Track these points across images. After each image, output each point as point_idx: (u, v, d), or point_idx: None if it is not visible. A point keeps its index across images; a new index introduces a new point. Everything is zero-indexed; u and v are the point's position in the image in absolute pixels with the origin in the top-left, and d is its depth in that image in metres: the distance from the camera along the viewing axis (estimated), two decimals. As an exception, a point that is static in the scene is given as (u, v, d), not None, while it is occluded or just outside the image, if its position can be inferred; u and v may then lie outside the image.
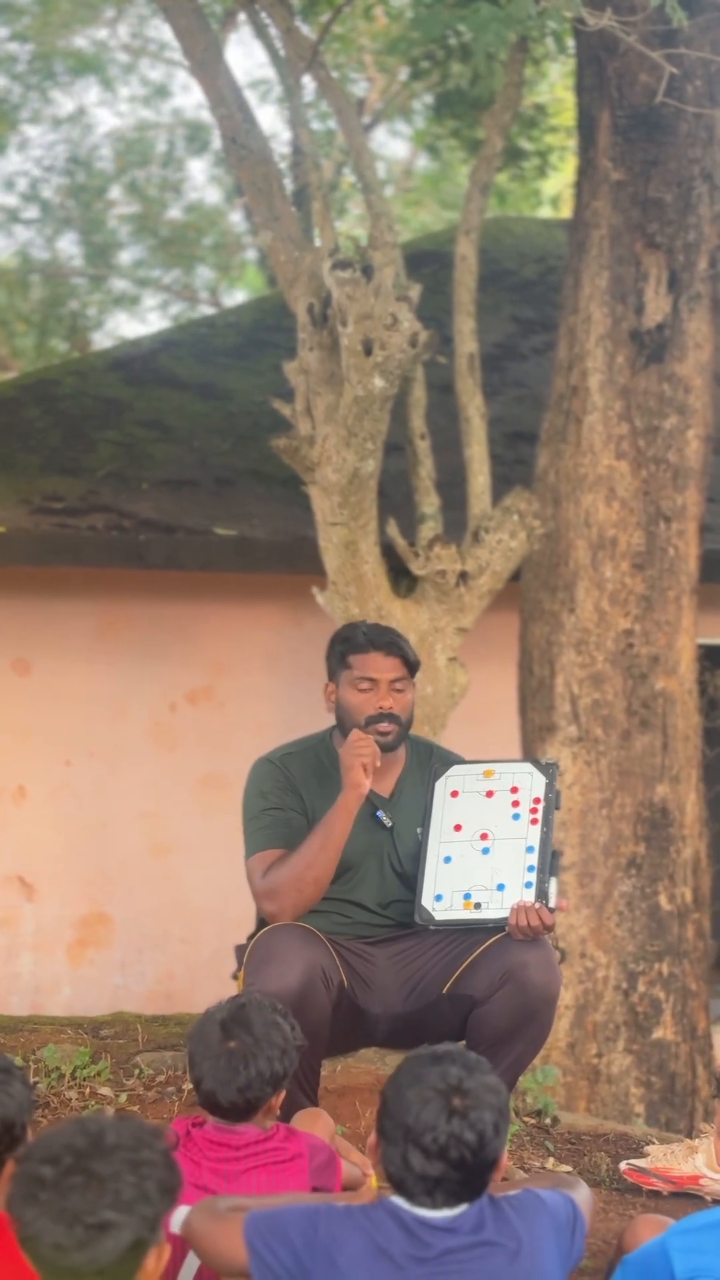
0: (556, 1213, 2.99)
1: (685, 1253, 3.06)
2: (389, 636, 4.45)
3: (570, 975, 6.31)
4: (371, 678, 4.38)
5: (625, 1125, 5.39)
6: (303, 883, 4.22)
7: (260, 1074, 3.39)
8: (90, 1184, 2.46)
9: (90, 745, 8.04)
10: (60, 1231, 2.43)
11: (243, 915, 4.64)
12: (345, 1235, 2.88)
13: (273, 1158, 3.41)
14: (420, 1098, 2.87)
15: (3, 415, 8.57)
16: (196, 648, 8.11)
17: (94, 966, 8.04)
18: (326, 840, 4.21)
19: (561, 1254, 2.97)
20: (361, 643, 4.42)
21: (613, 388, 6.60)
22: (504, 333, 9.68)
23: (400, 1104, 2.89)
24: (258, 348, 9.41)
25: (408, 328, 5.73)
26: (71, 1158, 2.48)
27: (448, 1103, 2.86)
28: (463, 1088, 2.88)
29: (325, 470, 5.89)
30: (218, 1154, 3.40)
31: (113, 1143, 2.51)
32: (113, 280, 20.07)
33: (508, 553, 6.32)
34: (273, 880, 4.24)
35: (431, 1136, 2.84)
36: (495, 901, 4.24)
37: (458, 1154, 2.84)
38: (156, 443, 8.45)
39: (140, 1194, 2.47)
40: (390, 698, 4.39)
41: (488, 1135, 2.86)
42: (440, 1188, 2.86)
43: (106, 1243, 2.44)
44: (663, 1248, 3.09)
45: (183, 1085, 4.79)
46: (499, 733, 7.21)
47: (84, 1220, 2.44)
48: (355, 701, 4.40)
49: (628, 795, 6.48)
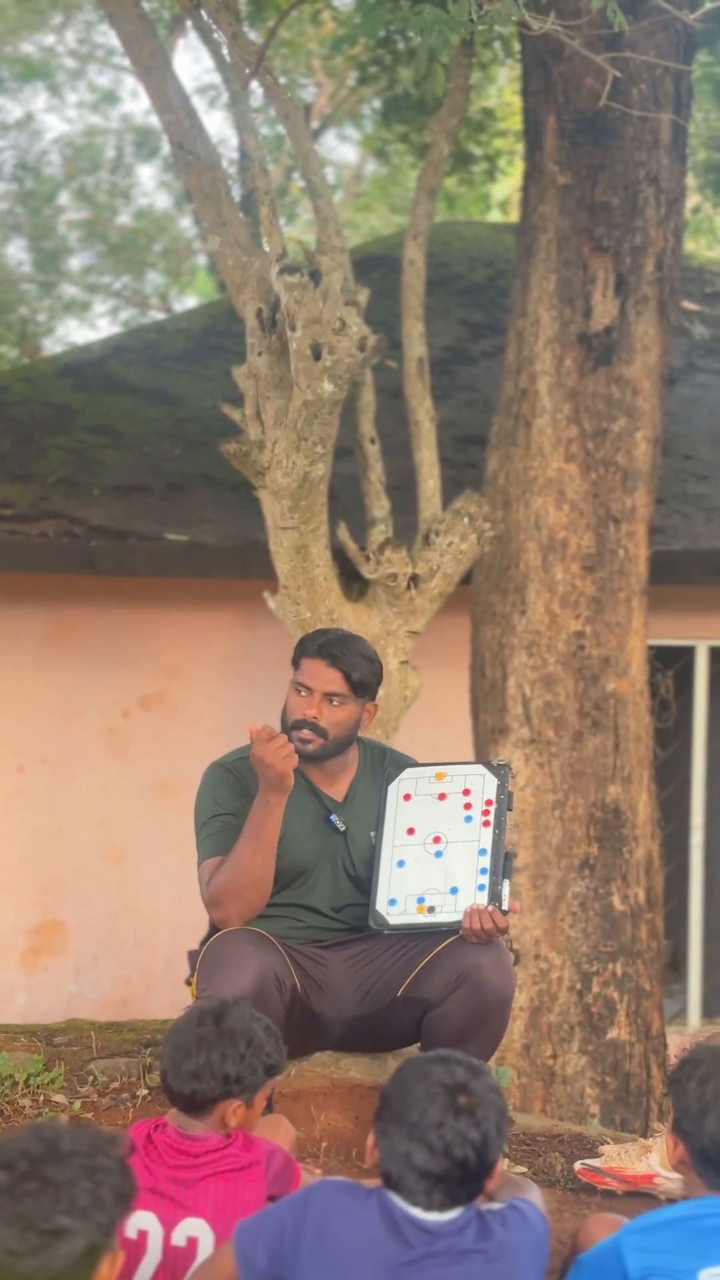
0: (537, 1230, 3.01)
1: (638, 1252, 3.07)
2: (339, 648, 4.39)
3: (524, 976, 6.32)
4: (308, 685, 4.36)
5: (580, 1126, 5.40)
6: (242, 887, 4.21)
7: (209, 1065, 3.38)
8: (45, 1190, 2.45)
9: (43, 751, 8.02)
10: (13, 1237, 2.43)
11: (197, 920, 4.64)
12: (334, 1218, 2.90)
13: (229, 1164, 3.40)
14: (427, 1094, 2.88)
15: (-48, 422, 8.55)
16: (149, 653, 8.10)
17: (48, 974, 8.02)
18: (257, 842, 4.20)
19: (537, 1270, 2.98)
20: (312, 649, 4.41)
21: (561, 390, 6.62)
22: (453, 337, 9.71)
23: (405, 1100, 2.89)
24: (208, 353, 9.41)
25: (356, 332, 5.73)
26: (26, 1164, 2.48)
27: (454, 1100, 2.87)
28: (468, 1087, 2.89)
29: (275, 474, 5.89)
30: (176, 1160, 3.39)
31: (68, 1149, 2.51)
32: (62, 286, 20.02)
33: (458, 555, 6.34)
34: (215, 888, 4.24)
35: (438, 1133, 2.85)
36: (449, 905, 4.25)
37: (461, 1152, 2.85)
38: (107, 448, 8.44)
39: (95, 1200, 2.47)
40: (319, 708, 4.35)
41: (491, 1136, 2.88)
42: (440, 1187, 2.86)
43: (60, 1249, 2.44)
44: (616, 1247, 3.10)
45: (137, 1092, 4.78)
46: (451, 735, 7.23)
47: (37, 1226, 2.43)
48: (290, 703, 4.40)
49: (580, 796, 6.50)
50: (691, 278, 10.51)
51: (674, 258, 6.80)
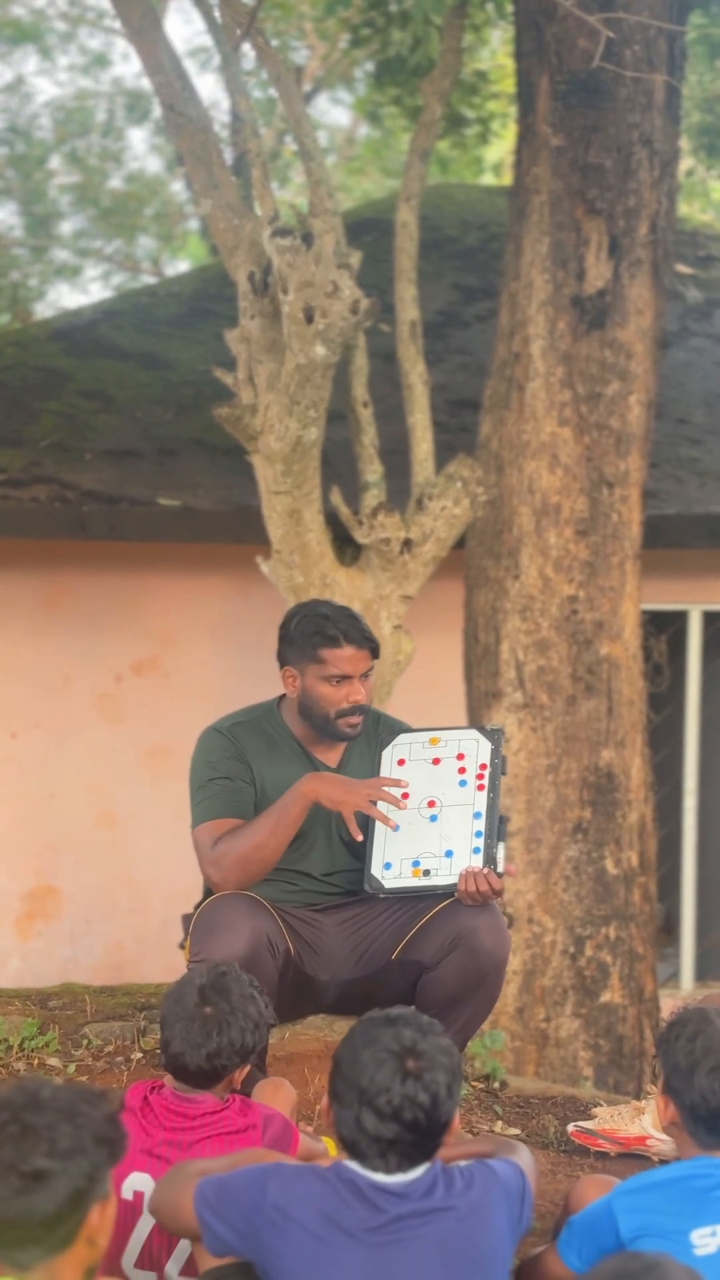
0: (508, 1184, 3.01)
1: (630, 1212, 3.08)
2: (360, 628, 4.43)
3: (518, 940, 6.34)
4: (346, 674, 4.38)
5: (573, 1088, 5.42)
6: (249, 861, 4.22)
7: (230, 1043, 3.41)
8: (25, 1134, 2.47)
9: (36, 717, 8.01)
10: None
11: (190, 885, 4.64)
12: (294, 1200, 2.90)
13: (226, 1127, 3.42)
14: (374, 1059, 2.88)
15: (-57, 387, 8.52)
16: (142, 619, 8.09)
17: (42, 938, 8.03)
18: (277, 826, 4.21)
19: (511, 1223, 2.99)
20: (336, 637, 4.39)
21: (554, 354, 6.61)
22: (446, 300, 9.68)
23: (354, 1066, 2.90)
24: (200, 317, 9.38)
25: (349, 295, 5.71)
26: (7, 1112, 2.50)
27: (401, 1064, 2.88)
28: (416, 1049, 2.90)
29: (268, 439, 5.87)
30: (173, 1122, 3.41)
31: (49, 1097, 2.53)
32: (54, 251, 19.95)
33: (452, 520, 6.33)
34: (221, 852, 4.24)
35: (385, 1098, 2.86)
36: (444, 868, 4.25)
37: (411, 1115, 2.86)
38: (99, 413, 8.41)
39: (76, 1144, 2.49)
40: (361, 689, 4.40)
41: (441, 1096, 2.88)
42: (394, 1149, 2.88)
43: (42, 1192, 2.46)
44: (608, 1208, 3.11)
45: (131, 1055, 4.80)
46: (445, 700, 7.23)
47: (18, 1169, 2.45)
48: (325, 693, 4.39)
49: (573, 760, 6.50)
50: (685, 241, 10.47)
51: (668, 220, 6.77)
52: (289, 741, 4.46)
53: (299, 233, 5.75)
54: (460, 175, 15.10)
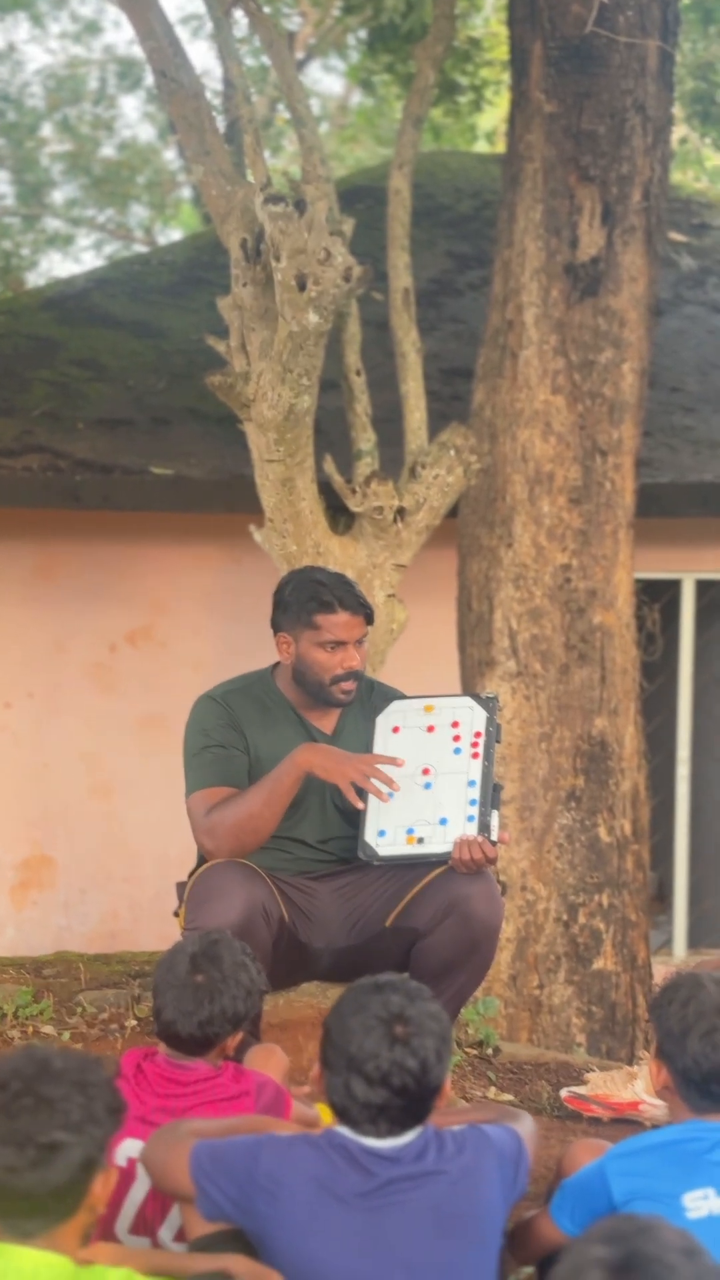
0: (501, 1148, 3.03)
1: (623, 1176, 3.09)
2: (355, 594, 4.44)
3: (511, 908, 6.35)
4: (342, 640, 4.39)
5: (566, 1054, 5.44)
6: (242, 831, 4.23)
7: (223, 1011, 3.42)
8: (40, 1106, 2.50)
9: (29, 687, 8.01)
10: (10, 1153, 2.48)
11: (185, 854, 4.65)
12: (287, 1168, 2.91)
13: (219, 1094, 3.43)
14: (363, 1026, 2.89)
15: (-65, 356, 8.50)
16: (135, 588, 8.09)
17: (37, 908, 8.05)
18: (271, 797, 4.21)
19: (504, 1187, 3.00)
20: (330, 603, 4.40)
21: (548, 322, 6.59)
22: (439, 268, 9.65)
23: (343, 1033, 2.91)
24: (192, 285, 9.35)
25: (341, 262, 5.69)
26: (20, 1082, 2.52)
27: (390, 1030, 2.89)
28: (404, 1015, 2.91)
29: (261, 407, 5.85)
30: (166, 1089, 3.42)
31: (60, 1067, 2.55)
32: (46, 219, 19.89)
33: (445, 488, 6.32)
34: (214, 821, 4.25)
35: (374, 1064, 2.87)
36: (438, 836, 4.26)
37: (400, 1081, 2.87)
38: (91, 382, 8.39)
39: (89, 1115, 2.52)
40: (356, 655, 4.41)
41: (430, 1062, 2.89)
42: (384, 1115, 2.89)
43: (57, 1162, 2.49)
44: (601, 1171, 3.12)
45: (125, 1023, 4.81)
46: (438, 669, 7.23)
47: (35, 1140, 2.48)
48: (320, 659, 4.40)
49: (566, 729, 6.51)
50: (678, 209, 10.44)
51: (661, 187, 6.75)
52: (284, 708, 4.47)
53: (291, 199, 5.73)
54: (453, 143, 15.06)
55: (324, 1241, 2.86)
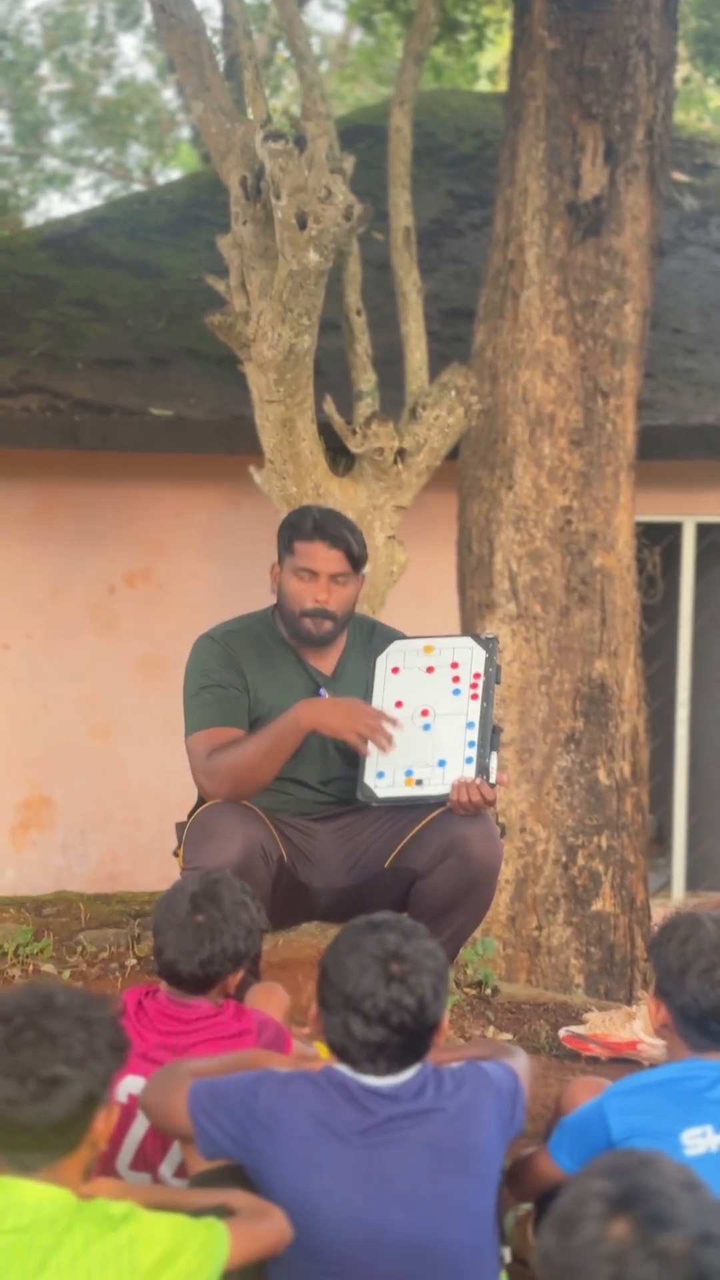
0: (499, 1085, 3.03)
1: (622, 1114, 3.10)
2: (337, 528, 4.40)
3: (510, 850, 6.36)
4: (312, 569, 4.35)
5: (565, 995, 5.46)
6: (241, 780, 4.23)
7: (224, 950, 3.43)
8: (42, 1040, 2.51)
9: (28, 628, 8.00)
10: (12, 1087, 2.49)
11: (184, 796, 4.65)
12: (285, 1105, 2.92)
13: (220, 1032, 3.45)
14: (359, 965, 2.90)
15: (-67, 295, 8.45)
16: (134, 530, 8.07)
17: (36, 849, 8.06)
18: (273, 752, 4.21)
19: (502, 1124, 3.01)
20: (308, 530, 4.38)
21: (550, 262, 6.55)
22: (440, 208, 9.59)
23: (339, 973, 2.91)
24: (191, 224, 9.29)
25: (342, 200, 5.64)
26: (23, 1017, 2.53)
27: (386, 969, 2.89)
28: (400, 954, 2.91)
29: (261, 347, 5.82)
30: (167, 1026, 3.44)
31: (63, 1003, 2.56)
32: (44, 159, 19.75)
33: (445, 429, 6.29)
34: (214, 765, 4.25)
35: (371, 1003, 2.87)
36: (437, 777, 4.26)
37: (398, 1019, 2.88)
38: (90, 322, 8.35)
39: (91, 1050, 2.53)
40: (328, 591, 4.36)
41: (427, 999, 2.90)
42: (382, 1053, 2.90)
43: (59, 1097, 2.50)
44: (600, 1109, 3.13)
45: (125, 962, 4.83)
46: (438, 611, 7.22)
47: (37, 1074, 2.49)
48: (294, 589, 4.38)
49: (566, 671, 6.50)
50: (682, 149, 10.37)
51: (664, 126, 6.69)
52: (283, 649, 4.46)
53: (292, 136, 5.67)
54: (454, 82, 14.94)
55: (322, 1178, 2.87)
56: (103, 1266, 2.52)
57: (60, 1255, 2.50)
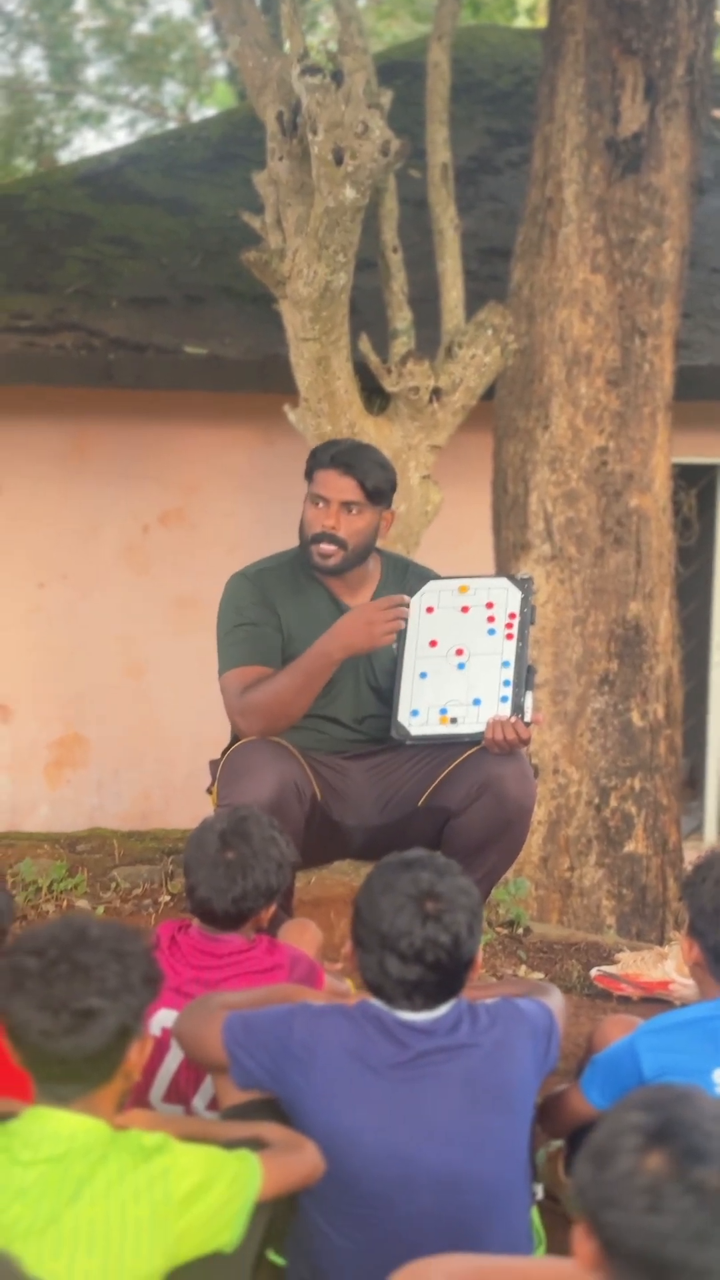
0: (534, 1021, 3.04)
1: (653, 1051, 3.11)
2: (354, 458, 4.37)
3: (543, 791, 6.36)
4: (324, 496, 4.35)
5: (597, 935, 5.46)
6: (274, 715, 4.23)
7: (256, 886, 3.45)
8: (76, 973, 2.52)
9: (63, 568, 8.01)
10: (47, 1019, 2.50)
11: (217, 734, 4.66)
12: (319, 1038, 2.93)
13: (253, 967, 3.46)
14: (393, 905, 2.90)
15: (-32, 232, 8.42)
16: (168, 469, 8.05)
17: (71, 787, 8.10)
18: (304, 684, 4.21)
19: (536, 1060, 3.02)
20: (325, 459, 4.38)
21: (588, 199, 6.49)
22: (478, 145, 9.50)
23: (374, 911, 2.92)
24: (227, 161, 9.23)
25: (379, 136, 5.60)
26: (57, 949, 2.54)
27: (421, 908, 2.89)
28: (434, 892, 2.91)
29: (296, 284, 5.79)
30: (200, 961, 3.45)
31: (97, 936, 2.57)
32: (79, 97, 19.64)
33: (481, 368, 6.26)
34: (249, 702, 4.25)
35: (407, 941, 2.88)
36: (471, 716, 4.26)
37: (434, 957, 2.88)
38: (125, 259, 8.31)
39: (124, 983, 2.54)
40: (337, 518, 4.33)
41: (462, 936, 2.90)
42: (419, 990, 2.90)
43: (93, 1029, 2.51)
44: (631, 1047, 3.14)
45: (159, 898, 4.85)
46: (473, 552, 7.19)
47: (70, 1007, 2.50)
48: (307, 517, 4.39)
49: (601, 613, 6.48)
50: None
51: (705, 62, 6.61)
52: (315, 586, 4.45)
53: (329, 71, 5.63)
54: (493, 18, 14.79)
55: (356, 1111, 2.88)
56: (135, 1196, 2.54)
57: (94, 1184, 2.52)
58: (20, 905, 4.66)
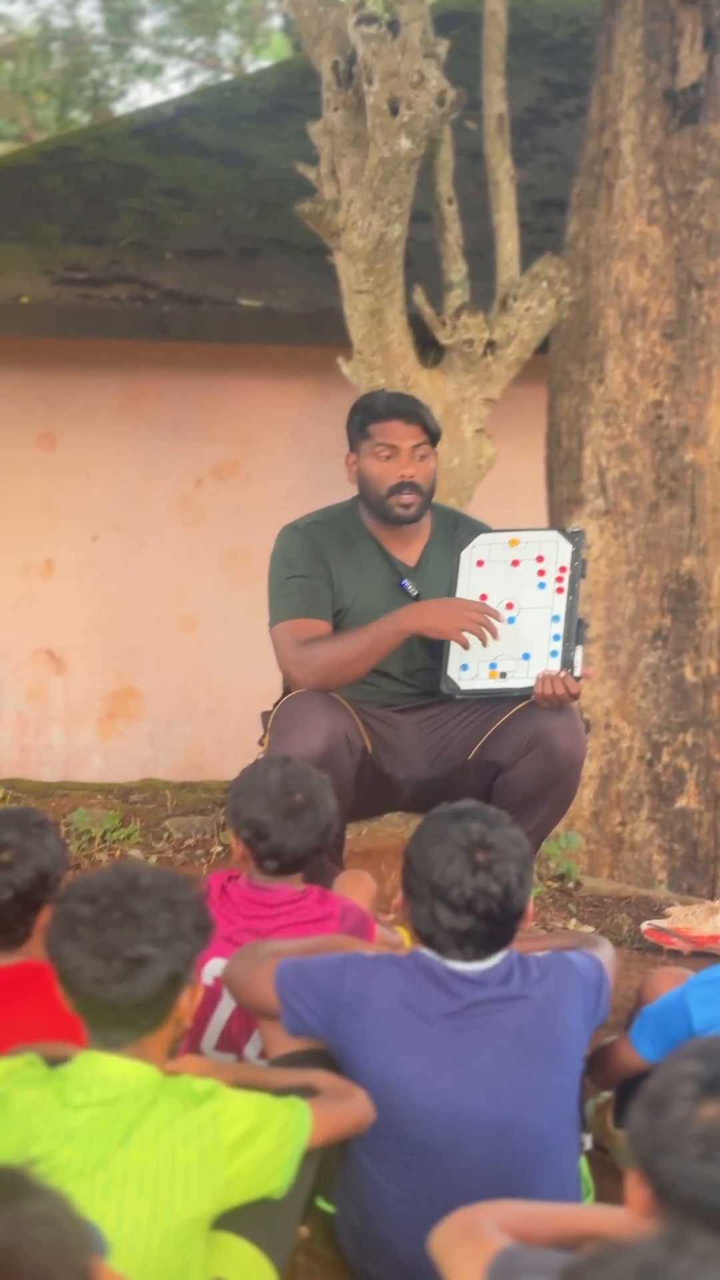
0: (585, 974, 3.05)
1: (703, 1004, 3.12)
2: (409, 404, 4.40)
3: (594, 746, 6.35)
4: (392, 444, 4.34)
5: (647, 889, 5.46)
6: (332, 674, 4.24)
7: (316, 826, 3.48)
8: (128, 920, 2.54)
9: (116, 520, 8.03)
10: (99, 965, 2.52)
11: (269, 687, 4.67)
12: (372, 987, 2.95)
13: (304, 916, 3.48)
14: (444, 855, 2.91)
15: (23, 183, 8.42)
16: (222, 422, 8.05)
17: (123, 739, 8.14)
18: (369, 652, 4.22)
19: (586, 1013, 3.03)
20: (381, 411, 4.38)
21: (645, 150, 6.43)
22: (535, 97, 9.43)
23: (424, 862, 2.92)
24: (283, 112, 9.19)
25: (435, 86, 5.56)
26: (109, 897, 2.56)
27: (471, 858, 2.90)
28: (485, 842, 2.92)
29: (350, 236, 5.77)
30: (251, 910, 3.47)
31: (149, 884, 2.59)
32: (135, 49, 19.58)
33: (536, 321, 6.22)
34: (308, 656, 4.25)
35: (458, 892, 2.88)
36: (521, 670, 4.25)
37: (484, 907, 2.89)
38: (180, 211, 8.29)
39: (175, 931, 2.55)
40: (412, 465, 4.35)
41: (513, 886, 2.91)
42: (470, 940, 2.91)
43: (144, 976, 2.53)
44: (681, 999, 3.15)
45: (211, 849, 4.87)
46: (525, 507, 7.17)
47: (122, 954, 2.52)
48: (376, 470, 4.37)
49: (654, 568, 6.45)
50: (783, 36, 10.11)
51: (766, 11, 6.54)
52: (366, 540, 4.45)
53: (385, 21, 5.60)
54: (551, -32, 14.63)
55: (407, 1059, 2.90)
56: (185, 1140, 2.56)
57: (144, 1128, 2.54)
58: (74, 855, 4.70)
